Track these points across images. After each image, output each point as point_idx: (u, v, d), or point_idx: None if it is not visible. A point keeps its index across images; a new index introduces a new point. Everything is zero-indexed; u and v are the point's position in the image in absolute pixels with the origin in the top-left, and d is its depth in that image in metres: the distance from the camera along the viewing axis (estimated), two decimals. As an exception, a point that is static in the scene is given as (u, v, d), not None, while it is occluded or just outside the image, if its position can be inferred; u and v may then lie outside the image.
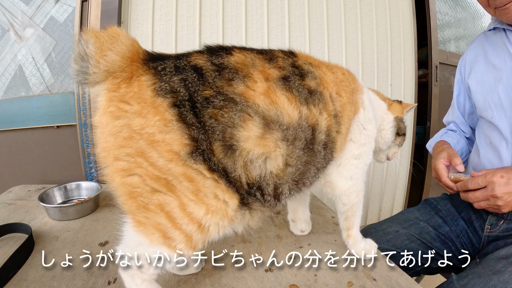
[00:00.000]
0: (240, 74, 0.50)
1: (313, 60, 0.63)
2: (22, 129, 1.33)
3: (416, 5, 1.75)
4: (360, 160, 0.70)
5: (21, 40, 1.28)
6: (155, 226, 0.50)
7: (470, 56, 0.97)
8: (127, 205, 0.50)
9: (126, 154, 0.47)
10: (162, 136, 0.46)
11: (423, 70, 2.11)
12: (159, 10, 1.33)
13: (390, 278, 0.65)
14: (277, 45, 1.46)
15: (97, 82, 0.48)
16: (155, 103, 0.46)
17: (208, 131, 0.47)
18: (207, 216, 0.50)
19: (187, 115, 0.47)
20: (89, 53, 0.46)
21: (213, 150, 0.48)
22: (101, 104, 0.48)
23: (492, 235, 0.84)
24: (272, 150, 0.51)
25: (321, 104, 0.57)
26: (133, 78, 0.47)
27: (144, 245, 0.51)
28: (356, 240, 0.72)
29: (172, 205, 0.48)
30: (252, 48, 0.57)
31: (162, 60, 0.49)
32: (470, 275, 0.71)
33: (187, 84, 0.47)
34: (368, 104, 0.71)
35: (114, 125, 0.47)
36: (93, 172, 1.34)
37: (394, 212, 1.84)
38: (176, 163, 0.47)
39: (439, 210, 0.95)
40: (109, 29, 0.47)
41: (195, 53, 0.52)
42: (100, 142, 0.49)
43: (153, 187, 0.48)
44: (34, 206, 1.00)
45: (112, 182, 0.50)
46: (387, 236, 0.89)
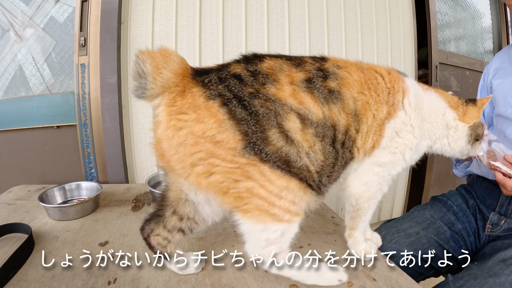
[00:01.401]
0: (270, 78, 0.56)
1: (343, 62, 0.64)
2: (22, 129, 1.33)
3: (416, 5, 1.75)
4: (384, 169, 0.66)
5: (21, 40, 1.28)
6: (258, 209, 0.55)
7: (495, 63, 1.01)
8: (226, 202, 0.56)
9: (199, 159, 0.53)
10: (220, 136, 0.52)
11: (423, 70, 2.10)
12: (159, 10, 1.33)
13: (390, 278, 0.65)
14: (277, 45, 1.47)
15: (154, 96, 0.55)
16: (208, 105, 0.53)
17: (262, 119, 0.53)
18: (282, 193, 0.54)
19: (236, 110, 0.52)
20: (146, 71, 0.53)
21: (267, 138, 0.53)
22: (162, 119, 0.55)
23: (492, 234, 0.84)
24: (312, 144, 0.56)
25: (339, 103, 0.59)
26: (186, 91, 0.54)
27: (263, 230, 0.56)
28: (356, 241, 0.72)
29: (257, 189, 0.54)
30: (283, 55, 0.62)
31: (206, 74, 0.56)
32: (466, 276, 0.71)
33: (231, 88, 0.54)
34: (412, 109, 0.65)
35: (179, 135, 0.53)
36: (93, 172, 1.34)
37: (394, 212, 1.84)
38: (238, 157, 0.52)
39: (450, 206, 0.95)
40: (161, 49, 0.54)
41: (233, 63, 0.59)
42: (171, 155, 0.55)
43: (234, 178, 0.53)
44: (34, 206, 1.00)
45: (200, 186, 0.55)
46: (409, 239, 0.86)
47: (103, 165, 1.33)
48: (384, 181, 0.68)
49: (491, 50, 2.32)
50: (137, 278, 0.64)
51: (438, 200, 0.99)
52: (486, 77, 1.04)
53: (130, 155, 1.36)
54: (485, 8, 2.27)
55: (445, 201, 0.96)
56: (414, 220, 0.93)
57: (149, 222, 0.66)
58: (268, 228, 0.56)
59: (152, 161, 1.38)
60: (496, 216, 0.85)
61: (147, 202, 1.06)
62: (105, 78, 1.26)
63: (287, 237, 0.58)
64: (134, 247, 0.75)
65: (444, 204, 0.96)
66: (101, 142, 1.30)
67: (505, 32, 2.33)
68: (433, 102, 0.71)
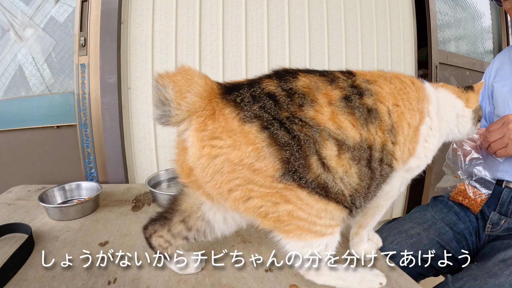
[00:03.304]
0: (308, 98, 0.52)
1: (369, 76, 0.62)
2: (22, 129, 1.33)
3: (416, 5, 1.75)
4: (410, 173, 0.67)
5: (21, 40, 1.28)
6: (300, 229, 0.54)
7: (496, 64, 1.02)
8: (266, 225, 0.55)
9: (237, 185, 0.51)
10: (259, 164, 0.49)
11: (423, 70, 2.10)
12: (159, 10, 1.33)
13: (390, 278, 0.64)
14: (277, 45, 1.47)
15: (180, 122, 0.51)
16: (244, 130, 0.49)
17: (304, 145, 0.50)
18: (321, 214, 0.53)
19: (279, 133, 0.49)
20: (169, 97, 0.49)
21: (310, 165, 0.50)
22: (192, 145, 0.51)
23: (493, 234, 0.84)
24: (348, 168, 0.53)
25: (376, 122, 0.57)
26: (216, 113, 0.50)
27: (307, 244, 0.55)
28: (361, 240, 0.72)
29: (296, 211, 0.52)
30: (315, 70, 0.58)
31: (237, 91, 0.52)
32: (465, 277, 0.71)
33: (267, 109, 0.50)
34: (435, 115, 0.67)
35: (215, 163, 0.50)
36: (93, 172, 1.34)
37: (394, 212, 1.83)
38: (276, 182, 0.50)
39: (451, 206, 0.95)
40: (182, 69, 0.50)
41: (265, 78, 0.54)
42: (207, 181, 0.52)
43: (273, 201, 0.52)
44: (34, 206, 1.00)
45: (239, 210, 0.53)
46: (411, 240, 0.87)
47: (103, 165, 1.33)
48: (406, 182, 0.69)
49: (491, 50, 2.32)
50: (137, 278, 0.64)
51: (439, 201, 0.99)
52: (487, 79, 1.04)
53: (130, 155, 1.36)
54: (485, 8, 2.27)
55: (446, 202, 0.96)
56: (415, 221, 0.93)
57: (154, 222, 0.65)
58: (312, 244, 0.55)
59: (152, 161, 1.38)
60: (496, 216, 0.85)
61: (147, 202, 1.06)
62: (105, 78, 1.27)
63: (332, 247, 0.58)
64: (134, 247, 0.75)
65: (445, 205, 0.96)
66: (101, 142, 1.30)
67: (505, 32, 2.33)
68: (445, 98, 0.73)
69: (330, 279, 0.61)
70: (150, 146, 1.37)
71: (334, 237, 0.57)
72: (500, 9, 2.31)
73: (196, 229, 0.63)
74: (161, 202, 0.99)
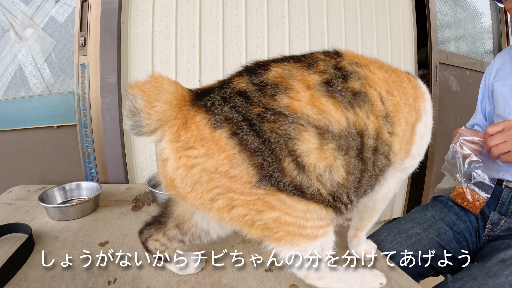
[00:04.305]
0: (281, 87, 0.50)
1: (361, 59, 0.59)
2: (22, 129, 1.33)
3: (416, 5, 1.75)
4: (405, 172, 0.66)
5: (21, 40, 1.28)
6: (290, 234, 0.52)
7: (497, 63, 1.02)
8: (255, 234, 0.53)
9: (217, 194, 0.49)
10: (234, 171, 0.47)
11: (423, 70, 2.10)
12: (159, 10, 1.33)
13: (390, 278, 0.64)
14: (277, 45, 1.47)
15: (152, 131, 0.50)
16: (215, 138, 0.47)
17: (276, 148, 0.47)
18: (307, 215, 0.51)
19: (248, 138, 0.47)
20: (138, 107, 0.48)
21: (283, 169, 0.48)
22: (169, 156, 0.50)
23: (493, 234, 0.84)
24: (332, 161, 0.50)
25: (366, 105, 0.53)
26: (188, 122, 0.49)
27: (301, 249, 0.54)
28: (360, 241, 0.72)
29: (282, 217, 0.51)
30: (290, 57, 0.55)
31: (207, 95, 0.50)
32: (465, 277, 0.71)
33: (238, 109, 0.48)
34: (430, 113, 0.65)
35: (192, 174, 0.49)
36: (93, 172, 1.34)
37: (394, 212, 1.83)
38: (255, 189, 0.48)
39: (451, 206, 0.95)
40: (152, 78, 0.49)
41: (235, 77, 0.52)
42: (187, 192, 0.51)
43: (257, 209, 0.50)
44: (34, 206, 1.00)
45: (224, 220, 0.52)
46: (410, 240, 0.87)
47: (103, 165, 1.33)
48: (401, 181, 0.68)
49: (491, 50, 2.32)
50: (137, 278, 0.64)
51: (439, 201, 0.99)
52: (487, 78, 1.04)
53: (130, 155, 1.36)
54: (485, 8, 2.27)
55: (446, 202, 0.96)
56: (415, 221, 0.93)
57: (149, 227, 0.65)
58: (306, 249, 0.54)
59: (152, 161, 1.38)
60: (496, 216, 0.85)
61: (147, 202, 1.06)
62: (105, 78, 1.27)
63: (328, 248, 0.56)
64: (134, 247, 0.75)
65: (445, 205, 0.96)
66: (101, 142, 1.31)
67: (505, 32, 2.33)
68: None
69: (331, 282, 0.60)
70: (150, 146, 1.37)
71: (327, 238, 0.55)
72: (500, 9, 2.31)
73: (191, 234, 0.63)
74: (161, 202, 0.99)
